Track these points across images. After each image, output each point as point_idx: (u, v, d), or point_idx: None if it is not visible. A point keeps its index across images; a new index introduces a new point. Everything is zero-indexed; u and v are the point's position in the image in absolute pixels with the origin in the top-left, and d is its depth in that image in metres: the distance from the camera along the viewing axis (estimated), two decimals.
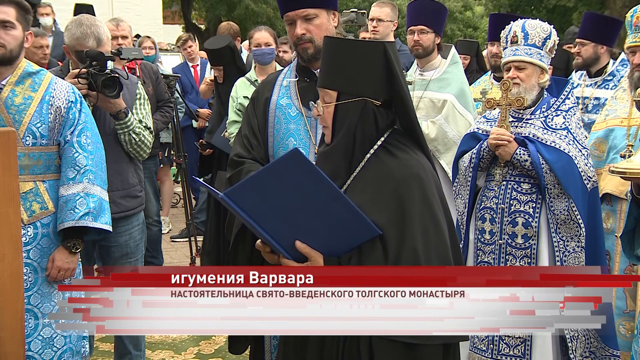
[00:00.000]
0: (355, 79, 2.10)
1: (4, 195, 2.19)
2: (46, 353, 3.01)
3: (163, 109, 5.81)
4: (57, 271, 3.01)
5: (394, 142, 2.14)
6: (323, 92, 2.15)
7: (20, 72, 3.05)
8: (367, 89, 2.10)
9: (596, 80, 4.86)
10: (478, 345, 3.46)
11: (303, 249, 2.02)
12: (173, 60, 9.73)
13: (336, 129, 2.14)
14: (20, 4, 3.04)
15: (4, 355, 2.20)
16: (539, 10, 21.13)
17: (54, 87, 3.08)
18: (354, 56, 2.09)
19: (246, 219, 1.98)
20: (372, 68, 2.10)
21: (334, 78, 2.12)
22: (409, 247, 1.97)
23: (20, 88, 3.03)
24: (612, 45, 4.89)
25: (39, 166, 3.02)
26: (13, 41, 3.00)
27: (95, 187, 3.07)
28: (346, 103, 2.10)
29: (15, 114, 2.98)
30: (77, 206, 3.00)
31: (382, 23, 5.46)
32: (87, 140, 3.09)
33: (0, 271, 2.18)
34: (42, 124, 3.01)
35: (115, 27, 5.56)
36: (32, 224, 3.00)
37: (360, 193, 2.05)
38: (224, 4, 21.33)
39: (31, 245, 2.99)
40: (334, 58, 2.13)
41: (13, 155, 2.21)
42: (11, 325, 2.21)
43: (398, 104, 2.15)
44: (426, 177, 2.09)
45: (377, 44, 2.12)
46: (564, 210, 3.27)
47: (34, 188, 3.01)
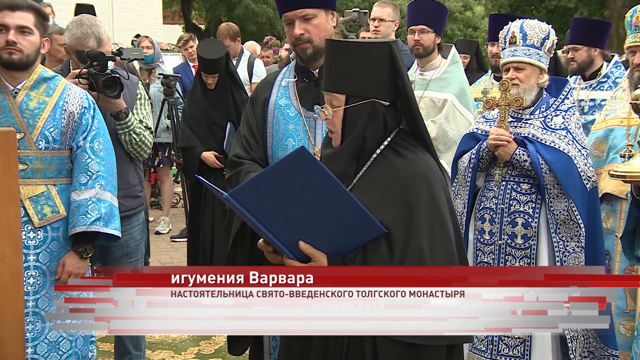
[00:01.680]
0: (364, 80, 2.08)
1: (4, 195, 2.19)
2: (52, 356, 3.02)
3: None
4: (67, 276, 3.02)
5: (401, 142, 2.13)
6: (330, 96, 2.13)
7: (35, 77, 3.07)
8: (376, 90, 2.09)
9: (591, 82, 4.88)
10: (477, 346, 3.46)
11: (306, 250, 2.02)
12: (173, 60, 9.74)
13: (346, 131, 2.12)
14: (38, 11, 3.06)
15: (4, 355, 2.20)
16: (539, 11, 21.15)
17: (68, 92, 3.10)
18: (360, 58, 2.08)
19: (250, 219, 1.98)
20: (379, 69, 2.08)
21: (342, 81, 2.10)
22: (415, 246, 1.97)
23: (35, 93, 3.05)
24: (604, 47, 4.94)
25: (51, 170, 3.04)
26: (30, 46, 3.01)
27: (106, 192, 3.09)
28: (356, 106, 2.09)
29: (29, 118, 3.00)
30: (89, 211, 3.02)
31: (384, 23, 5.46)
32: (100, 147, 3.11)
33: (0, 271, 2.18)
34: (55, 128, 3.03)
35: None
36: (43, 228, 3.01)
37: (366, 192, 2.04)
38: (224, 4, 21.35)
39: (41, 249, 3.01)
40: (339, 61, 2.11)
41: (13, 155, 2.22)
42: (11, 325, 2.21)
43: (404, 103, 2.14)
44: (433, 177, 2.08)
45: (382, 44, 2.10)
46: (564, 211, 3.27)
47: (46, 191, 3.02)
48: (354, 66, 2.08)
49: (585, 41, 4.85)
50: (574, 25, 5.06)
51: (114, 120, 3.58)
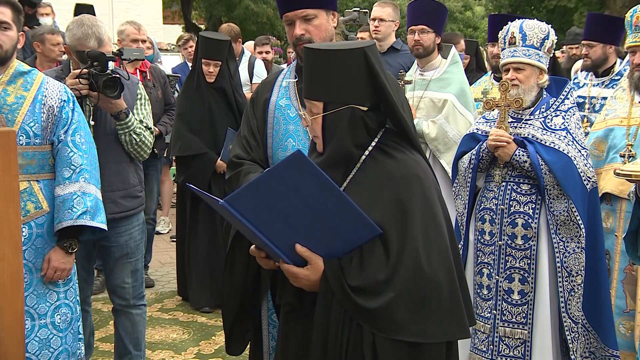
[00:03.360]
0: (340, 87, 2.07)
1: (4, 195, 2.18)
2: (43, 354, 3.00)
3: (170, 112, 5.86)
4: (53, 271, 3.00)
5: (389, 142, 2.13)
6: (309, 103, 2.13)
7: (12, 72, 3.04)
8: (353, 96, 2.08)
9: (603, 79, 4.85)
10: (478, 346, 3.46)
11: (303, 253, 2.02)
12: (173, 60, 9.72)
13: (327, 138, 2.12)
14: (14, 5, 3.05)
15: (4, 355, 2.20)
16: (539, 11, 21.13)
17: (46, 86, 3.07)
18: (334, 65, 2.06)
19: (246, 225, 1.97)
20: (355, 75, 2.07)
21: (318, 89, 2.10)
22: (411, 247, 1.97)
23: (13, 87, 3.02)
24: (619, 44, 4.88)
25: (33, 165, 3.01)
26: (9, 42, 3.00)
27: (91, 186, 3.07)
28: (333, 113, 2.08)
29: (7, 113, 2.97)
30: (74, 205, 2.99)
31: (384, 23, 5.47)
32: (81, 140, 3.09)
33: (0, 271, 2.18)
34: (35, 123, 3.00)
35: (137, 31, 5.63)
36: (27, 224, 2.98)
37: (357, 195, 2.04)
38: (224, 4, 21.34)
39: (26, 246, 2.97)
40: (315, 68, 2.10)
41: (13, 155, 2.21)
42: (11, 325, 2.21)
43: (385, 106, 2.14)
44: (425, 177, 2.09)
45: (355, 49, 2.08)
46: (564, 211, 3.27)
47: (28, 187, 3.00)
48: (328, 73, 2.07)
49: (600, 38, 4.79)
50: (589, 22, 4.98)
51: (114, 121, 3.57)
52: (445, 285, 1.98)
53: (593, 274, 3.36)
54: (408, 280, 1.94)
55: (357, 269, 1.99)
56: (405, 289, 1.94)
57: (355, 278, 1.98)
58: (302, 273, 2.03)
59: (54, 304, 3.05)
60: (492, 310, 3.41)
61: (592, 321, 3.42)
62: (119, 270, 3.72)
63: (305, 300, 2.11)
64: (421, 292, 1.95)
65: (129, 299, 3.76)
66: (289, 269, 2.05)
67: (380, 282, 1.95)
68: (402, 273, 1.95)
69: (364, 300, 1.96)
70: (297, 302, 2.16)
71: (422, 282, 1.95)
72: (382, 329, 1.95)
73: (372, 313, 1.95)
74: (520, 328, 3.35)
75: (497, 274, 3.40)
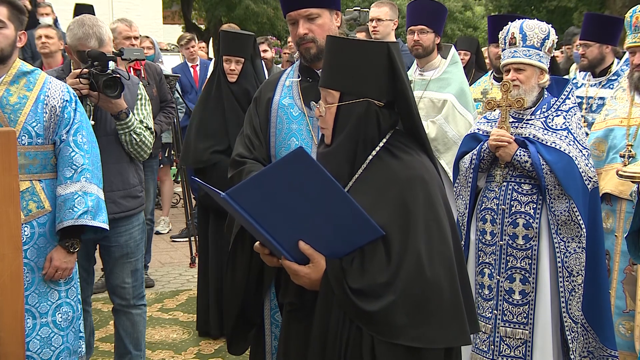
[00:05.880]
0: (359, 79, 2.08)
1: (4, 195, 2.18)
2: (44, 352, 3.01)
3: (166, 110, 5.82)
4: (54, 271, 3.01)
5: (397, 144, 2.12)
6: (325, 92, 2.13)
7: (14, 72, 3.04)
8: (371, 89, 2.08)
9: (600, 80, 4.85)
10: (480, 346, 3.46)
11: (306, 250, 2.00)
12: (173, 60, 9.72)
13: (337, 129, 2.11)
14: (12, 4, 3.03)
15: (4, 355, 2.20)
16: (539, 11, 21.13)
17: (49, 86, 3.07)
18: (357, 56, 2.07)
19: (247, 220, 1.96)
20: (376, 69, 2.08)
21: (337, 78, 2.10)
22: (413, 250, 1.95)
23: (15, 87, 3.02)
24: (616, 44, 4.87)
25: (35, 165, 3.02)
26: (4, 40, 2.99)
27: (92, 185, 3.07)
28: (349, 104, 2.09)
29: (10, 113, 2.98)
30: (75, 205, 3.00)
31: (382, 22, 5.46)
32: (83, 140, 3.09)
33: (0, 271, 2.18)
34: (38, 123, 3.01)
35: (128, 28, 5.61)
36: (29, 223, 2.99)
37: (362, 195, 2.03)
38: (224, 4, 21.34)
39: (28, 245, 2.98)
40: (337, 58, 2.11)
41: (13, 155, 2.21)
42: (11, 325, 2.21)
43: (401, 105, 2.13)
44: (430, 179, 2.07)
45: (380, 44, 2.10)
46: (565, 211, 3.27)
47: (30, 187, 3.00)
48: (350, 64, 2.08)
49: (597, 38, 4.78)
50: (586, 21, 4.97)
51: (115, 121, 3.57)
52: (446, 290, 1.95)
53: (593, 274, 3.36)
54: (409, 283, 1.92)
55: (358, 271, 1.98)
56: (406, 293, 1.92)
57: (355, 280, 1.96)
58: (303, 271, 2.02)
59: (55, 302, 3.05)
60: (493, 310, 3.41)
61: (591, 321, 3.42)
62: (119, 270, 3.72)
63: (307, 300, 2.10)
64: (422, 297, 1.93)
65: (129, 299, 3.77)
66: (290, 266, 2.04)
67: (381, 285, 1.93)
68: (403, 276, 1.92)
69: (364, 303, 1.94)
70: (298, 302, 2.15)
71: (423, 286, 1.93)
72: (381, 332, 1.93)
73: (371, 316, 1.93)
74: (521, 328, 3.35)
75: (498, 274, 3.40)
